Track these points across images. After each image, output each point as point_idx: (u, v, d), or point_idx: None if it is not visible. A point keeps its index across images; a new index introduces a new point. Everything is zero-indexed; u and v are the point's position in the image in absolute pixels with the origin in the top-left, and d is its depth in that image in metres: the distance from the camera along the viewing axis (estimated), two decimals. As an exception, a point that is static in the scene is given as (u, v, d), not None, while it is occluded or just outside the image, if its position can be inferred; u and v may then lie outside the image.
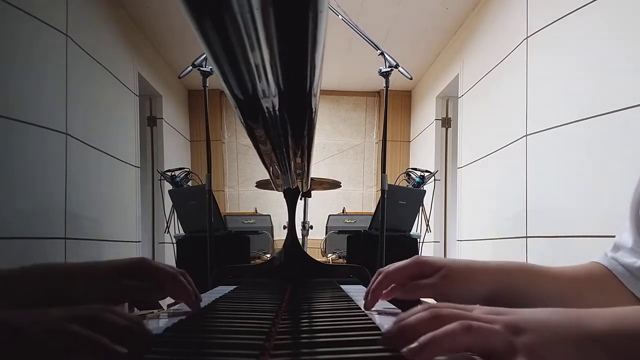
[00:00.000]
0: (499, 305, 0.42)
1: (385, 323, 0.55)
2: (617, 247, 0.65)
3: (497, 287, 0.59)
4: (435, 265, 0.60)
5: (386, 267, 0.64)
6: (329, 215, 4.38)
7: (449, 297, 0.57)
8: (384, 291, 0.62)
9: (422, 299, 0.61)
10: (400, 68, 2.15)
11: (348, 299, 0.77)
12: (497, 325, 0.35)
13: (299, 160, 0.87)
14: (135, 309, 0.67)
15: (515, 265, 0.62)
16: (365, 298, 0.63)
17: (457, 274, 0.59)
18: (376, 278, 0.63)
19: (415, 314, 0.38)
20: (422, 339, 0.34)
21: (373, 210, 3.64)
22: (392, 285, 0.62)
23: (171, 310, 0.70)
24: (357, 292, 0.90)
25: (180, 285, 0.60)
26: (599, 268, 0.65)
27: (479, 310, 0.39)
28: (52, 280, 0.56)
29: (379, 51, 2.14)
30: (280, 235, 3.06)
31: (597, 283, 0.62)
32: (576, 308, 0.60)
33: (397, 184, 3.34)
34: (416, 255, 0.63)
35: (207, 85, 2.19)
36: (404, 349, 0.35)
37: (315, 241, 4.12)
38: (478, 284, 0.59)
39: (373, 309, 0.63)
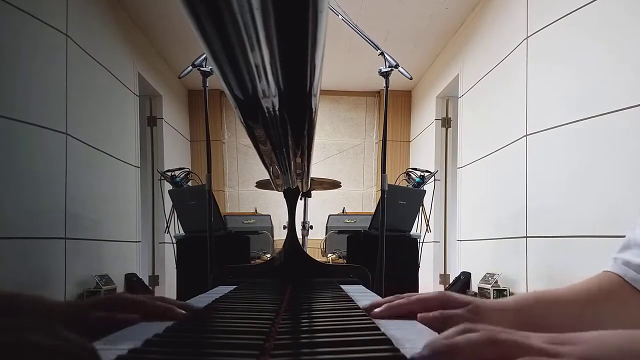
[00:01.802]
0: None
1: (385, 324, 0.55)
2: (626, 246, 0.63)
3: (521, 322, 0.57)
4: (460, 302, 0.59)
5: (411, 294, 0.62)
6: (329, 215, 4.37)
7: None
8: (395, 314, 0.60)
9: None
10: (400, 68, 2.15)
11: (348, 299, 0.77)
12: (565, 359, 0.31)
13: (299, 160, 0.87)
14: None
15: (531, 298, 0.61)
16: (374, 306, 0.61)
17: (485, 310, 0.58)
18: (395, 299, 0.62)
19: (461, 332, 0.33)
20: None
21: (373, 210, 3.64)
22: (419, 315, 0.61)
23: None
24: (357, 292, 0.90)
25: (156, 307, 0.57)
26: (610, 278, 0.62)
27: (536, 338, 0.33)
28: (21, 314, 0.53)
29: (379, 51, 2.14)
30: (280, 235, 3.05)
31: (613, 296, 0.61)
32: (596, 327, 0.59)
33: (397, 184, 3.33)
34: (442, 291, 0.61)
35: (207, 85, 2.18)
36: None
37: (315, 241, 4.12)
38: (505, 320, 0.57)
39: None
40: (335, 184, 2.76)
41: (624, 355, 0.31)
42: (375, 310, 0.61)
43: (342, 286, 1.01)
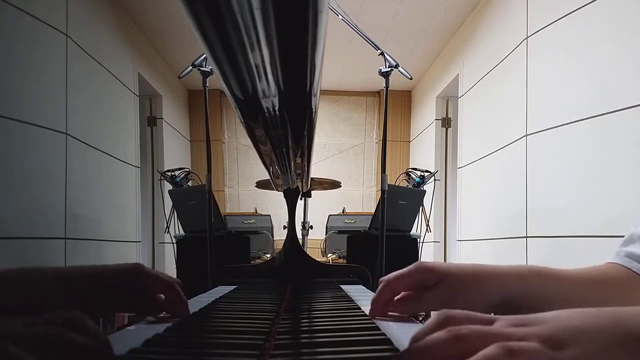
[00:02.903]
0: (512, 312, 0.39)
1: (385, 324, 0.55)
2: (630, 240, 0.62)
3: (511, 292, 0.55)
4: (438, 271, 0.57)
5: (387, 275, 0.61)
6: (329, 215, 4.38)
7: (457, 307, 0.54)
8: (385, 301, 0.59)
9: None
10: (400, 68, 2.15)
11: (348, 299, 0.77)
12: (534, 341, 0.30)
13: (299, 160, 0.87)
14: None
15: (527, 269, 0.58)
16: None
17: (463, 281, 0.56)
18: (378, 287, 0.61)
19: (430, 331, 0.33)
20: None
21: (373, 210, 3.64)
22: (396, 296, 0.60)
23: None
24: (357, 292, 0.90)
25: (175, 295, 0.58)
26: (615, 268, 0.61)
27: (500, 323, 0.33)
28: (42, 285, 0.54)
29: (379, 51, 2.14)
30: (280, 235, 3.06)
31: (617, 284, 0.59)
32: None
33: (397, 184, 3.33)
34: (418, 262, 0.59)
35: (207, 85, 2.19)
36: None
37: (315, 241, 4.12)
38: (488, 291, 0.55)
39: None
40: (335, 184, 2.76)
41: (591, 334, 0.31)
42: (370, 312, 0.60)
43: (342, 286, 1.01)
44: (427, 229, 3.30)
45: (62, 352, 0.31)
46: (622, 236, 0.65)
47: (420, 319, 0.66)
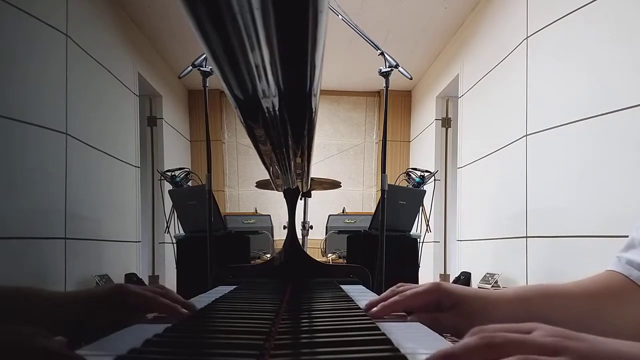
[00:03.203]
0: None
1: (385, 324, 0.55)
2: (630, 245, 0.62)
3: (517, 316, 0.56)
4: (455, 295, 0.58)
5: (404, 287, 0.61)
6: (329, 215, 4.38)
7: (467, 331, 0.54)
8: (394, 312, 0.60)
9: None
10: (400, 68, 2.15)
11: (348, 299, 0.77)
12: (566, 356, 0.30)
13: (299, 160, 0.87)
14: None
15: (532, 290, 0.60)
16: (372, 306, 0.61)
17: (474, 307, 0.57)
18: (391, 295, 0.61)
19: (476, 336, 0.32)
20: None
21: (373, 210, 3.64)
22: (406, 309, 0.60)
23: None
24: (357, 292, 0.90)
25: (162, 305, 0.58)
26: (615, 277, 0.62)
27: (539, 332, 0.32)
28: (33, 307, 0.54)
29: (379, 51, 2.14)
30: (280, 235, 3.05)
31: (617, 295, 0.60)
32: (600, 325, 0.58)
33: (397, 184, 3.33)
34: (436, 282, 0.61)
35: (207, 85, 2.19)
36: None
37: (315, 241, 4.12)
38: (497, 315, 0.56)
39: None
40: (335, 184, 2.76)
41: (623, 359, 0.30)
42: (373, 310, 0.60)
43: (342, 286, 1.00)
44: (427, 229, 3.30)
45: None
46: (622, 236, 0.65)
47: None
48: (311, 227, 2.52)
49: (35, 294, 0.56)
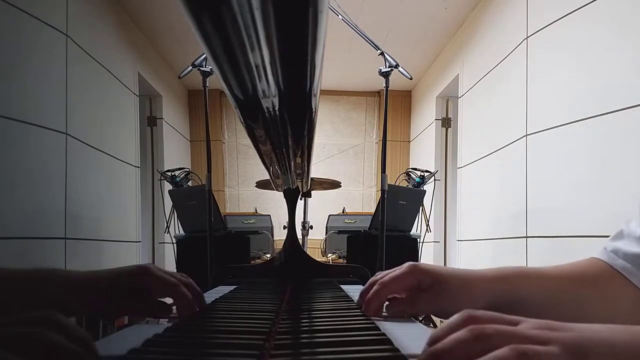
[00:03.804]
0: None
1: (385, 324, 0.55)
2: (618, 236, 0.62)
3: (496, 294, 0.57)
4: (432, 274, 0.58)
5: (380, 276, 0.61)
6: (329, 215, 4.38)
7: (449, 311, 0.53)
8: (381, 303, 0.60)
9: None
10: (400, 68, 2.15)
11: (348, 299, 0.77)
12: (555, 346, 0.30)
13: (299, 160, 0.87)
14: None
15: (512, 270, 0.60)
16: (360, 304, 0.62)
17: (454, 286, 0.57)
18: (370, 287, 0.61)
19: (451, 330, 0.33)
20: None
21: (373, 210, 3.64)
22: (390, 296, 0.61)
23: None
24: (357, 292, 0.89)
25: (181, 295, 0.59)
26: (598, 264, 0.63)
27: (525, 324, 0.33)
28: (52, 287, 0.55)
29: (379, 51, 2.15)
30: (280, 235, 3.06)
31: (597, 280, 0.60)
32: (576, 308, 0.59)
33: (397, 184, 3.34)
34: (410, 263, 0.60)
35: (207, 85, 2.19)
36: None
37: (315, 241, 4.12)
38: (476, 294, 0.57)
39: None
40: (335, 184, 2.76)
41: (616, 349, 0.31)
42: (363, 308, 0.61)
43: (342, 286, 1.00)
44: (427, 229, 3.31)
45: (39, 353, 0.30)
46: None
47: (420, 319, 0.66)
48: (311, 227, 2.52)
49: (56, 274, 0.57)
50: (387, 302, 0.61)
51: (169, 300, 0.60)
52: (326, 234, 4.08)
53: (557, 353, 0.29)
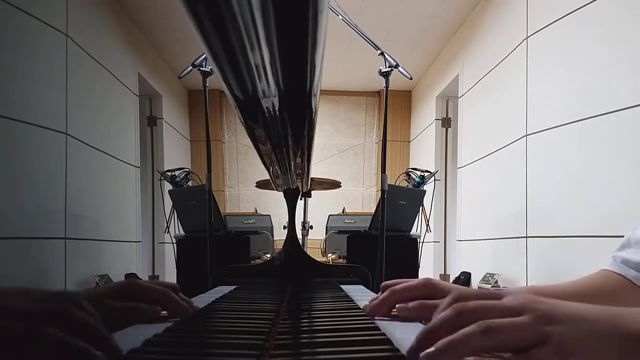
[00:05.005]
0: None
1: (385, 324, 0.55)
2: (625, 245, 0.62)
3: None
4: (444, 291, 0.57)
5: (392, 283, 0.61)
6: (329, 215, 4.37)
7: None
8: (388, 309, 0.59)
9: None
10: (400, 68, 2.15)
11: (348, 299, 0.77)
12: (527, 315, 0.33)
13: (299, 160, 0.87)
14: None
15: (525, 291, 0.60)
16: (366, 308, 0.62)
17: (469, 299, 0.58)
18: (380, 293, 0.61)
19: (442, 310, 0.36)
20: (439, 343, 0.32)
21: (373, 210, 3.64)
22: (398, 305, 0.61)
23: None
24: (357, 292, 0.90)
25: (173, 302, 0.59)
26: (611, 277, 0.62)
27: (509, 298, 0.35)
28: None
29: (379, 51, 2.14)
30: (280, 235, 3.06)
31: (613, 295, 0.60)
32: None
33: (397, 184, 3.33)
34: (425, 277, 0.60)
35: (207, 85, 2.19)
36: (422, 354, 0.33)
37: (315, 241, 4.12)
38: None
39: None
40: (335, 184, 2.76)
41: (586, 318, 0.34)
42: (367, 310, 0.60)
43: (342, 286, 1.00)
44: (427, 229, 3.30)
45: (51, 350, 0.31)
46: (622, 236, 0.65)
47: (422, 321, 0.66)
48: (311, 227, 2.52)
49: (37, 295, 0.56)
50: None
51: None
52: (326, 234, 4.08)
53: (524, 322, 0.32)
